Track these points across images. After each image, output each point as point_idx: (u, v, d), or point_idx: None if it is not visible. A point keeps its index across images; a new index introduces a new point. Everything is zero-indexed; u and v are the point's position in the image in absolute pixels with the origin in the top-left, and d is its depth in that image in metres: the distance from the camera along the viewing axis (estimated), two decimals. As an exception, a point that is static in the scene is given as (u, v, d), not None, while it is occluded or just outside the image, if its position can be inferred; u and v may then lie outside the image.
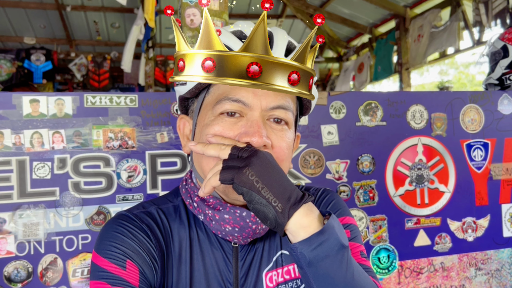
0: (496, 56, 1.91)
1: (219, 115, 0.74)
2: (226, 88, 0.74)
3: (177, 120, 0.87)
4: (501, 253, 1.72)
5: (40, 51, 6.33)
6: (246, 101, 0.73)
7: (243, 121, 0.74)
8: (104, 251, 0.74)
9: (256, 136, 0.71)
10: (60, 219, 1.29)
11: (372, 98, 1.60)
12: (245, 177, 0.65)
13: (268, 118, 0.75)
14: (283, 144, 0.76)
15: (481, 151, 1.70)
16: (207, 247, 0.81)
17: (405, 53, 5.78)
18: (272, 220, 0.65)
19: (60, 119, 1.30)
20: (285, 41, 0.77)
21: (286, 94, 0.76)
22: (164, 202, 0.85)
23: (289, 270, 0.84)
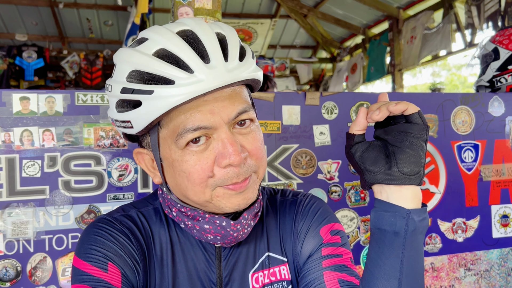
0: (487, 58, 1.93)
1: (185, 148, 0.70)
2: (180, 120, 0.69)
3: (133, 155, 0.81)
4: (490, 254, 1.73)
5: (32, 48, 6.27)
6: (207, 125, 0.68)
7: (212, 143, 0.70)
8: (85, 254, 0.73)
9: (232, 156, 0.68)
10: (49, 217, 1.28)
11: (364, 99, 1.61)
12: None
13: (233, 125, 0.72)
14: (257, 144, 0.74)
15: (472, 152, 1.72)
16: (189, 249, 0.81)
17: (398, 54, 5.80)
18: (421, 171, 0.67)
19: (51, 117, 1.29)
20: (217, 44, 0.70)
21: (240, 94, 0.73)
22: (144, 205, 0.85)
23: (275, 272, 0.84)
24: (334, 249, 0.83)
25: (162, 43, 0.68)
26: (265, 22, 6.47)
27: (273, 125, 1.51)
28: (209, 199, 0.73)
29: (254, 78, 0.74)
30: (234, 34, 0.74)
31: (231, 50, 0.71)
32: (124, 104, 0.70)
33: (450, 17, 4.98)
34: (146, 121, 0.69)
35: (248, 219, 0.77)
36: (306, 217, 0.87)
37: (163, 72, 0.66)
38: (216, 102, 0.69)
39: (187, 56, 0.67)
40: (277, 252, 0.86)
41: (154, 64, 0.66)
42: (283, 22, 6.98)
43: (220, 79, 0.67)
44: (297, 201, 0.90)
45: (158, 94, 0.66)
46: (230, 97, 0.71)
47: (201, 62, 0.67)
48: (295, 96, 1.54)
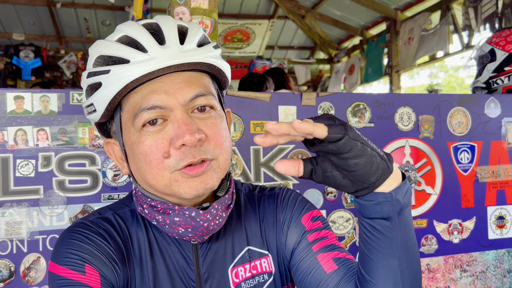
0: (484, 59, 1.93)
1: (141, 129, 0.71)
2: (136, 100, 0.71)
3: (103, 146, 0.83)
4: (486, 255, 1.73)
5: (29, 47, 6.26)
6: (162, 104, 0.70)
7: (168, 125, 0.71)
8: (60, 259, 0.73)
9: (187, 135, 0.68)
10: (43, 217, 1.27)
11: (361, 100, 1.61)
12: (354, 131, 0.60)
13: (192, 110, 0.73)
14: (217, 130, 0.74)
15: (468, 153, 1.72)
16: (166, 248, 0.80)
17: (396, 56, 5.81)
18: (383, 169, 0.61)
19: (45, 116, 1.29)
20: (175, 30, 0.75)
21: (199, 79, 0.75)
22: (121, 207, 0.84)
23: (256, 265, 0.85)
24: (318, 233, 0.84)
25: (125, 31, 0.73)
26: (263, 23, 6.47)
27: (269, 125, 1.50)
28: (168, 183, 0.72)
29: (212, 63, 0.75)
30: (198, 29, 0.77)
31: (189, 37, 0.74)
32: (90, 90, 0.74)
33: (447, 18, 4.99)
34: (105, 102, 0.72)
35: (218, 209, 0.76)
36: (287, 209, 0.88)
37: (120, 53, 0.70)
38: (172, 84, 0.71)
39: (145, 40, 0.71)
40: (258, 245, 0.86)
41: (114, 47, 0.71)
42: (281, 23, 6.98)
43: (172, 58, 0.70)
44: (275, 195, 0.91)
45: (114, 73, 0.70)
46: (188, 80, 0.73)
47: (156, 44, 0.71)
48: (291, 96, 1.53)
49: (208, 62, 0.75)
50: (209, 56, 0.75)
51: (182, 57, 0.71)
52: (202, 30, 0.78)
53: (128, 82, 0.69)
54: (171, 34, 0.72)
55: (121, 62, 0.70)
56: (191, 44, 0.73)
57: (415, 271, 0.70)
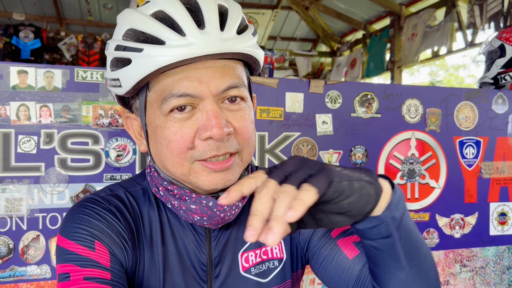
0: (493, 55, 1.91)
1: (169, 114, 0.68)
2: (167, 83, 0.67)
3: (122, 119, 0.80)
4: (486, 251, 1.73)
5: (29, 28, 6.19)
6: (193, 93, 0.66)
7: (197, 113, 0.68)
8: (70, 233, 0.71)
9: (215, 128, 0.65)
10: (44, 195, 1.25)
11: (369, 90, 1.59)
12: (336, 171, 0.52)
13: (222, 101, 0.70)
14: (245, 123, 0.71)
15: (473, 148, 1.71)
16: (178, 229, 0.79)
17: (398, 51, 5.79)
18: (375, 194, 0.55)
19: (49, 93, 1.26)
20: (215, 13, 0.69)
21: (234, 69, 0.70)
22: (132, 185, 0.82)
23: (267, 251, 0.83)
24: None
25: (161, 5, 0.67)
26: (266, 13, 6.41)
27: (275, 111, 1.48)
28: (187, 173, 0.70)
29: (250, 54, 0.71)
30: (238, 9, 0.72)
31: (230, 22, 0.69)
32: (117, 62, 0.70)
33: (452, 15, 4.97)
34: (133, 80, 0.68)
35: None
36: None
37: (155, 32, 0.65)
38: (206, 72, 0.67)
39: (183, 20, 0.65)
40: None
41: (148, 24, 0.66)
42: (284, 14, 6.93)
43: (212, 46, 0.65)
44: None
45: (147, 53, 0.65)
46: (222, 69, 0.69)
47: (195, 27, 0.65)
48: (299, 83, 1.51)
49: (247, 53, 0.70)
50: (248, 46, 0.70)
51: (222, 46, 0.66)
52: (241, 11, 0.73)
53: (161, 66, 0.65)
54: (211, 17, 0.67)
55: (156, 42, 0.65)
56: (232, 30, 0.68)
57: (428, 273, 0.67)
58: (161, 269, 0.76)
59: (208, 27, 0.66)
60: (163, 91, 0.68)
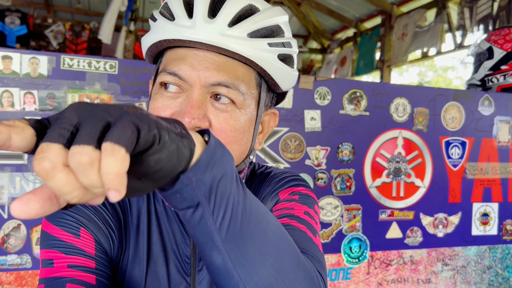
0: (481, 57, 1.93)
1: (160, 88, 0.69)
2: (169, 59, 0.69)
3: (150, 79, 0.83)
4: (468, 250, 1.75)
5: (15, 13, 6.05)
6: (183, 75, 0.66)
7: (182, 97, 0.67)
8: (56, 218, 0.69)
9: (186, 117, 0.63)
10: (26, 184, 1.23)
11: (358, 87, 1.59)
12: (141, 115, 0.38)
13: (211, 95, 0.67)
14: (226, 127, 0.67)
15: (459, 149, 1.72)
16: (165, 220, 0.77)
17: (388, 50, 5.82)
18: (190, 151, 0.44)
19: (34, 79, 1.23)
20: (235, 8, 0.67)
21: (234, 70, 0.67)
22: None
23: None
24: (286, 203, 0.76)
25: None
26: (258, 7, 6.38)
27: (264, 106, 1.47)
28: None
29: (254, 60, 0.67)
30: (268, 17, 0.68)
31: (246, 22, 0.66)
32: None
33: (442, 17, 5.01)
34: (145, 46, 0.73)
35: None
36: (271, 183, 0.83)
37: (173, 9, 0.68)
38: (203, 61, 0.66)
39: (199, 6, 0.66)
40: None
41: (176, 1, 0.69)
42: (276, 9, 6.89)
43: (206, 36, 0.64)
44: (271, 173, 0.86)
45: (157, 24, 0.69)
46: (221, 65, 0.66)
47: (204, 15, 0.65)
48: (288, 78, 1.51)
49: (249, 58, 0.66)
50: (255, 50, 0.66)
51: (220, 40, 0.64)
52: (280, 19, 0.69)
53: (162, 39, 0.68)
54: (225, 11, 0.65)
55: (168, 17, 0.69)
56: (242, 30, 0.65)
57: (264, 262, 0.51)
58: (145, 260, 0.75)
59: (217, 18, 0.65)
60: (164, 65, 0.70)
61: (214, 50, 0.66)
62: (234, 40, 0.65)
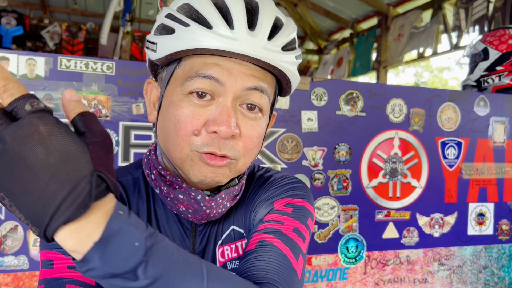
0: (476, 58, 1.94)
1: (188, 95, 0.68)
2: (197, 64, 0.68)
3: (144, 83, 0.80)
4: (464, 250, 1.76)
5: (11, 14, 6.03)
6: (220, 78, 0.66)
7: (213, 105, 0.68)
8: None
9: (224, 126, 0.65)
10: (23, 185, 1.23)
11: (354, 88, 1.60)
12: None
13: (241, 103, 0.70)
14: (253, 133, 0.71)
15: (455, 149, 1.73)
16: (165, 222, 0.78)
17: (385, 51, 5.84)
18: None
19: (31, 80, 1.23)
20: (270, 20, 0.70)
21: (264, 77, 0.71)
22: (123, 174, 0.81)
23: (237, 247, 0.82)
24: (278, 216, 0.76)
25: None
26: (255, 8, 6.38)
27: (261, 107, 1.48)
28: (183, 158, 0.69)
29: (285, 73, 0.71)
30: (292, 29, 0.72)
31: (279, 36, 0.69)
32: (162, 29, 0.71)
33: (438, 18, 5.03)
34: (168, 50, 0.68)
35: (224, 199, 0.74)
36: (268, 189, 0.82)
37: (207, 15, 0.66)
38: (239, 67, 0.68)
39: (237, 16, 0.66)
40: (240, 225, 0.82)
41: (206, 5, 0.67)
42: (272, 10, 6.91)
43: (254, 49, 0.65)
44: (271, 177, 0.86)
45: (191, 30, 0.66)
46: (254, 73, 0.69)
47: (246, 26, 0.66)
48: (285, 79, 1.51)
49: (283, 71, 0.71)
50: (287, 64, 0.70)
51: (263, 54, 0.66)
52: (295, 32, 0.73)
53: (198, 47, 0.65)
54: (264, 24, 0.67)
55: (204, 24, 0.66)
56: (278, 44, 0.69)
57: None
58: None
59: (258, 31, 0.66)
60: (191, 70, 0.68)
61: (251, 61, 0.68)
62: (273, 54, 0.68)
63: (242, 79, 0.68)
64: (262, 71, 0.71)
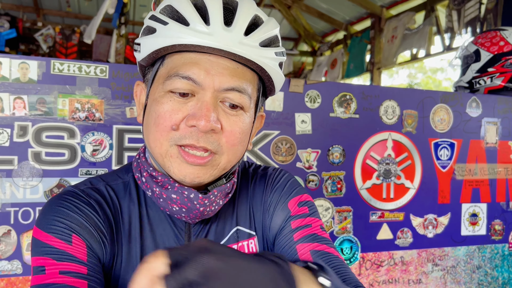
0: (468, 59, 1.96)
1: (169, 92, 0.70)
2: (178, 63, 0.70)
3: (134, 86, 0.83)
4: (457, 251, 1.77)
5: (4, 17, 6.01)
6: (197, 79, 0.68)
7: (193, 101, 0.69)
8: (47, 225, 0.69)
9: (202, 120, 0.66)
10: (17, 189, 1.22)
11: (347, 90, 1.60)
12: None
13: (221, 100, 0.71)
14: (236, 129, 0.72)
15: (448, 150, 1.74)
16: (158, 224, 0.78)
17: (378, 53, 5.87)
18: None
19: (24, 84, 1.23)
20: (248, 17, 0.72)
21: (244, 75, 0.72)
22: (114, 179, 0.81)
23: (243, 246, 0.83)
24: (302, 220, 0.82)
25: None
26: (249, 10, 6.39)
27: (255, 109, 1.48)
28: (164, 154, 0.71)
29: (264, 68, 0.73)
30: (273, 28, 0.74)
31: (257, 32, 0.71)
32: (146, 30, 0.74)
33: (431, 19, 5.06)
34: (149, 49, 0.72)
35: (217, 196, 0.75)
36: (276, 190, 0.86)
37: (185, 13, 0.69)
38: (217, 66, 0.69)
39: (214, 13, 0.68)
40: (246, 225, 0.84)
41: (183, 5, 0.70)
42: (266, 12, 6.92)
43: (229, 44, 0.68)
44: (267, 175, 0.89)
45: (169, 28, 0.69)
46: (233, 70, 0.70)
47: (222, 23, 0.68)
48: (279, 82, 1.52)
49: (262, 66, 0.72)
50: (267, 59, 0.72)
51: (239, 48, 0.68)
52: (277, 30, 0.75)
53: (175, 43, 0.68)
54: (240, 20, 0.69)
55: (181, 22, 0.69)
56: (255, 40, 0.70)
57: None
58: (138, 264, 0.75)
59: (233, 27, 0.69)
60: (172, 69, 0.70)
61: (228, 56, 0.70)
62: (250, 49, 0.70)
63: (219, 80, 0.69)
64: (241, 68, 0.72)
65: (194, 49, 0.68)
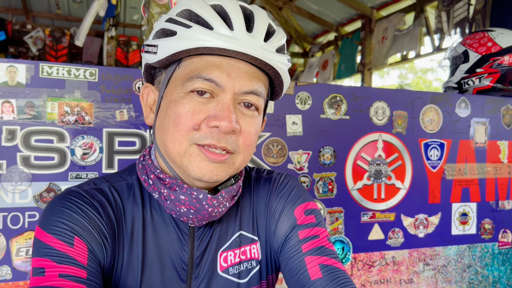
0: (457, 60, 1.98)
1: (189, 93, 0.71)
2: (198, 65, 0.72)
3: (141, 88, 0.83)
4: (448, 250, 1.79)
5: (-7, 19, 5.95)
6: (220, 82, 0.71)
7: (213, 102, 0.71)
8: (49, 226, 0.69)
9: (225, 121, 0.69)
10: (5, 194, 1.21)
11: (338, 92, 1.61)
12: None
13: (239, 102, 0.74)
14: (252, 130, 0.75)
15: (437, 150, 1.76)
16: (162, 227, 0.78)
17: (369, 54, 5.90)
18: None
19: (12, 88, 1.22)
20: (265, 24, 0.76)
21: (260, 79, 0.75)
22: (118, 180, 0.81)
23: (245, 251, 0.83)
24: (310, 230, 0.82)
25: (222, 2, 0.73)
26: (240, 12, 6.40)
27: (246, 111, 1.48)
28: (182, 153, 0.71)
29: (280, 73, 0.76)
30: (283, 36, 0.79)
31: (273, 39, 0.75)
32: (161, 33, 0.74)
33: (420, 20, 5.11)
34: (170, 51, 0.72)
35: (225, 197, 0.75)
36: (281, 196, 0.86)
37: (208, 18, 0.70)
38: (238, 70, 0.72)
39: (235, 19, 0.71)
40: (249, 230, 0.85)
41: (205, 9, 0.71)
42: (257, 13, 6.93)
43: (253, 49, 0.70)
44: (271, 179, 0.90)
45: (194, 31, 0.70)
46: (252, 74, 0.74)
47: (245, 28, 0.71)
48: (269, 84, 1.52)
49: (277, 70, 0.76)
50: (282, 64, 0.76)
51: (261, 53, 0.71)
52: (285, 39, 0.79)
53: (200, 46, 0.69)
54: (259, 27, 0.73)
55: (205, 25, 0.71)
56: (273, 46, 0.74)
57: None
58: (139, 267, 0.75)
59: (255, 33, 0.72)
60: (192, 71, 0.72)
61: (249, 60, 0.73)
62: (270, 54, 0.74)
63: (240, 83, 0.72)
64: (257, 72, 0.75)
65: (218, 52, 0.70)
